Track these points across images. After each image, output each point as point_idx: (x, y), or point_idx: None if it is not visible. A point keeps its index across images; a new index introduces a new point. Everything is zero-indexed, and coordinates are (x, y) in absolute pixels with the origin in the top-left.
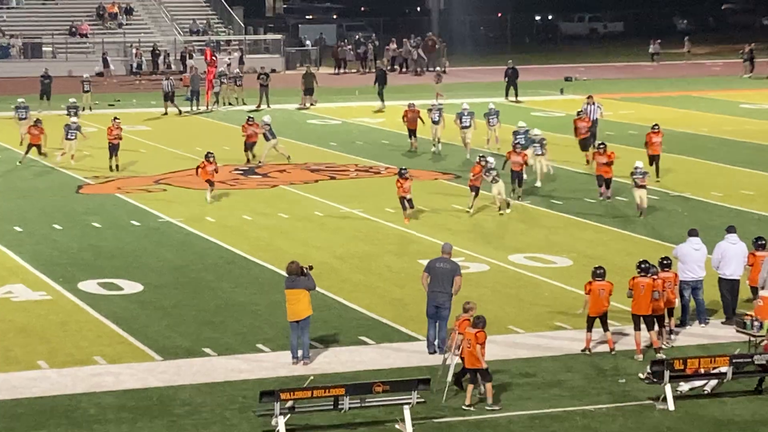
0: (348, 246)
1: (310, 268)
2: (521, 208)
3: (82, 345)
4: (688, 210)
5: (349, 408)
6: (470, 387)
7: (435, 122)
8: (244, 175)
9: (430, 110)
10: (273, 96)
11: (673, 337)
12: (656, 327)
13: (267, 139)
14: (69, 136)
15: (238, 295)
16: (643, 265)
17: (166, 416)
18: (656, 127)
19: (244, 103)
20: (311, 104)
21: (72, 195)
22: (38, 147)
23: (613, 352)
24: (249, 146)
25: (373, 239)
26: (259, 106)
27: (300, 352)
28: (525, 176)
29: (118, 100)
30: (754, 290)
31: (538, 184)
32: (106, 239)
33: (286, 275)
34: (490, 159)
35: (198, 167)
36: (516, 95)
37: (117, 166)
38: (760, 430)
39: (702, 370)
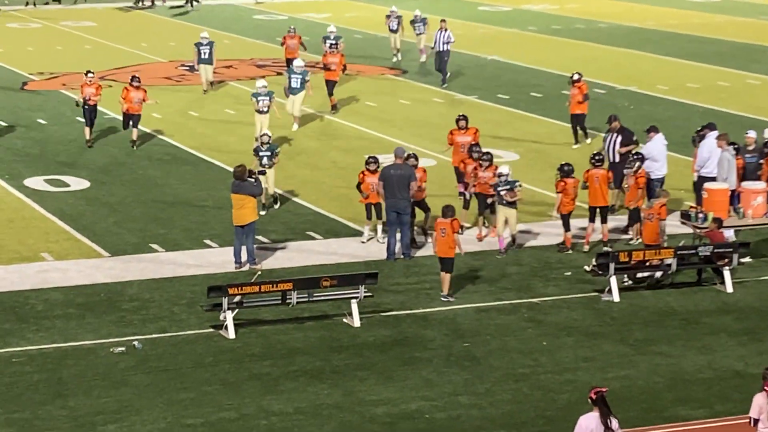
0: (295, 142)
1: (262, 172)
2: (466, 103)
3: (29, 242)
4: (634, 103)
5: (297, 302)
6: (443, 275)
7: (393, 31)
8: (189, 71)
9: (388, 17)
10: None
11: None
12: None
13: (205, 61)
14: None
15: (185, 191)
16: (597, 157)
17: (114, 312)
18: (577, 77)
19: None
20: (196, 1)
21: (17, 92)
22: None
23: (610, 246)
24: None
25: (320, 135)
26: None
27: (244, 257)
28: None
29: None
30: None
31: (295, 127)
32: (51, 135)
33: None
34: None
35: (359, 183)
36: None
37: (92, 138)
38: (702, 319)
39: (647, 262)
